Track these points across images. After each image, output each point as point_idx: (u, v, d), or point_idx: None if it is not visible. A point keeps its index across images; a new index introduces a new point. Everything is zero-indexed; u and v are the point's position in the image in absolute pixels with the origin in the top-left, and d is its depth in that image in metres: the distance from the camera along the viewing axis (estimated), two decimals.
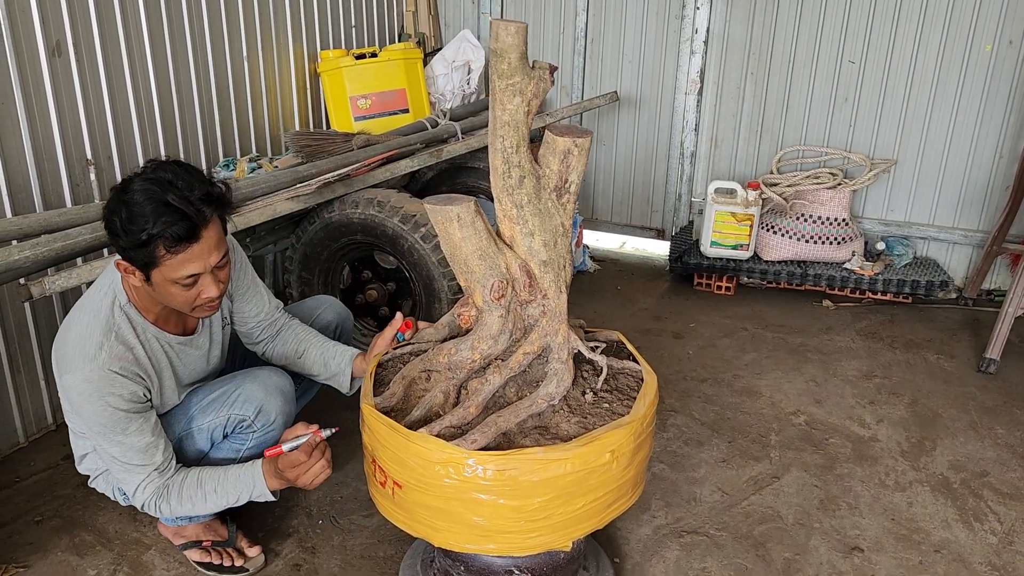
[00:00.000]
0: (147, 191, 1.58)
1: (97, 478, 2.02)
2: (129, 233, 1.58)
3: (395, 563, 2.10)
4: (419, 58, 4.02)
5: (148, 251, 1.59)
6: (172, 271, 1.63)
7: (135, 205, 1.57)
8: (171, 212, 1.57)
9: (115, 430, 1.72)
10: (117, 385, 1.70)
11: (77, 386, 1.69)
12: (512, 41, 1.52)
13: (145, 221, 1.56)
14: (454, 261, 1.65)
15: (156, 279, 1.66)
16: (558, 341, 1.69)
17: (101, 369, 1.68)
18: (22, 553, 2.12)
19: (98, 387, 1.68)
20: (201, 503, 1.83)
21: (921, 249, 4.06)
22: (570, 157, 1.62)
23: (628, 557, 2.14)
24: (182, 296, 1.70)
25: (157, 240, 1.58)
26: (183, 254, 1.62)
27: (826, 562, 2.13)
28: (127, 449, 1.75)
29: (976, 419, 2.85)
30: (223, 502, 1.84)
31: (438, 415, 1.64)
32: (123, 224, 1.58)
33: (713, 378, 3.13)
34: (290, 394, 2.00)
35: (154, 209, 1.56)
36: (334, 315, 2.31)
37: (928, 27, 3.73)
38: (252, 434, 1.94)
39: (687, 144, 4.37)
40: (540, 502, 1.51)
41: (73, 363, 1.69)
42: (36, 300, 2.04)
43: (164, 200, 1.57)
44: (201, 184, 1.63)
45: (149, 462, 1.78)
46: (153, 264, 1.62)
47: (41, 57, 2.47)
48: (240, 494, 1.83)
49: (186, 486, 1.83)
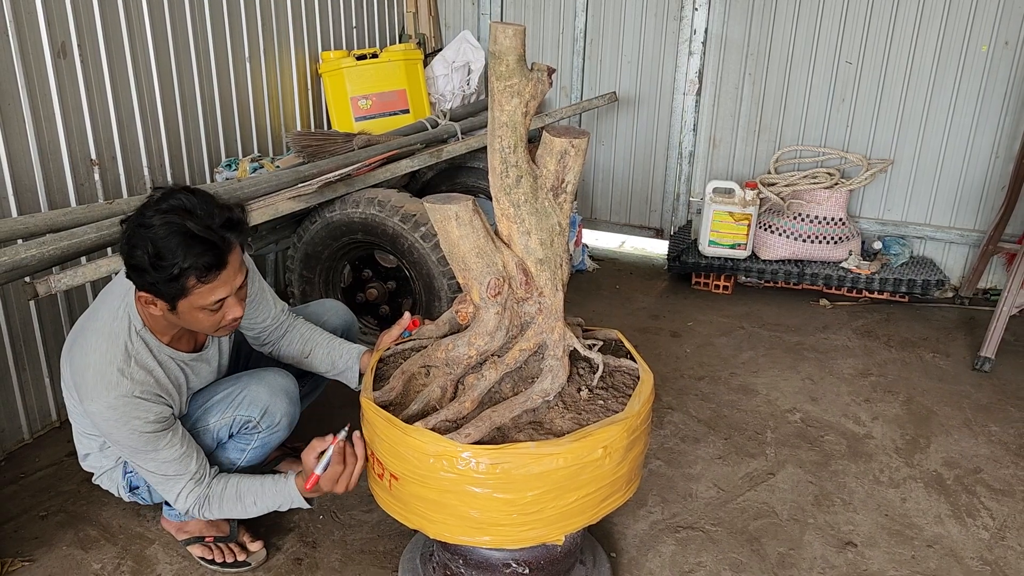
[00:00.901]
0: (169, 224, 1.57)
1: (101, 476, 2.05)
2: (159, 269, 1.57)
3: (395, 557, 2.13)
4: (419, 59, 4.05)
5: (179, 284, 1.60)
6: (201, 299, 1.65)
7: (160, 240, 1.56)
8: (198, 243, 1.57)
9: (147, 449, 1.76)
10: (142, 409, 1.73)
11: (102, 413, 1.72)
12: (510, 43, 1.55)
13: (174, 255, 1.56)
14: (452, 259, 1.68)
15: (182, 308, 1.67)
16: (554, 338, 1.72)
17: (125, 396, 1.71)
18: (28, 547, 2.15)
19: (124, 413, 1.71)
20: (242, 512, 1.89)
21: (918, 248, 4.09)
22: (567, 157, 1.65)
23: (624, 551, 2.17)
24: (208, 320, 1.72)
25: (189, 272, 1.59)
26: (213, 282, 1.64)
27: (820, 557, 2.16)
28: (161, 463, 1.79)
29: (970, 417, 2.87)
30: (264, 510, 1.89)
31: (435, 409, 1.67)
32: (152, 260, 1.57)
33: (710, 376, 3.16)
34: (295, 395, 2.02)
35: (180, 242, 1.56)
36: (340, 321, 2.32)
37: (925, 27, 3.76)
38: (257, 435, 1.97)
39: (685, 144, 4.40)
40: (533, 496, 1.54)
41: (96, 391, 1.71)
42: (41, 298, 2.08)
43: (189, 231, 1.57)
44: (220, 210, 1.64)
45: (185, 471, 1.82)
46: (182, 295, 1.63)
47: (46, 58, 2.50)
48: (280, 504, 1.88)
49: (226, 498, 1.87)
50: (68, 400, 1.93)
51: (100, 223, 2.19)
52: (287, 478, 1.87)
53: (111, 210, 2.37)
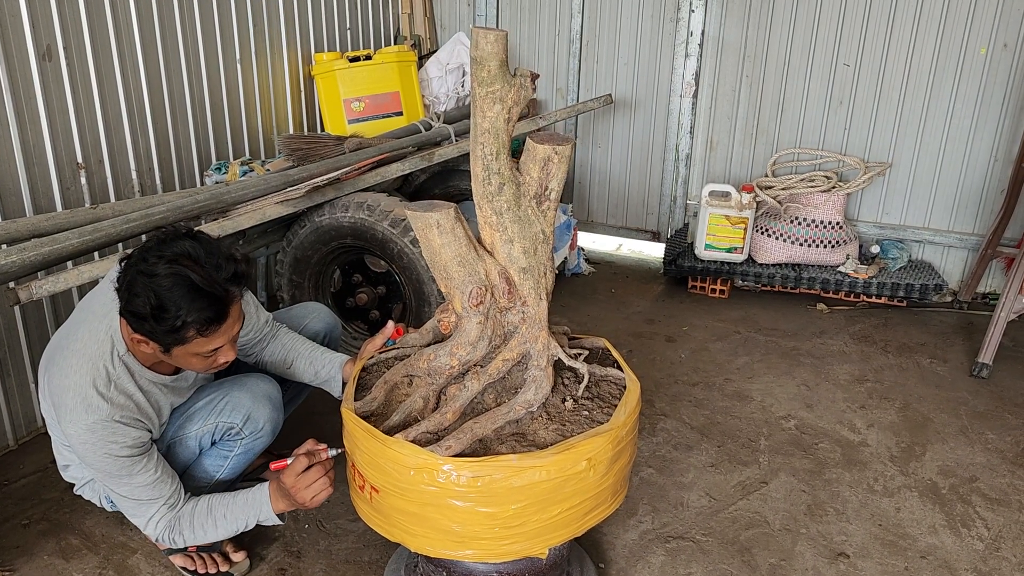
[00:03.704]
0: (175, 275, 1.54)
1: (83, 487, 2.03)
2: (161, 320, 1.55)
3: (380, 568, 2.10)
4: (413, 61, 4.02)
5: (179, 335, 1.59)
6: (198, 347, 1.64)
7: (164, 291, 1.53)
8: (202, 297, 1.56)
9: (121, 474, 1.73)
10: (119, 434, 1.70)
11: (80, 435, 1.69)
12: (492, 49, 1.52)
13: (178, 308, 1.54)
14: (434, 267, 1.65)
15: (177, 353, 1.65)
16: (537, 348, 1.69)
17: (104, 420, 1.68)
18: (9, 556, 2.12)
19: (101, 437, 1.68)
20: (212, 530, 1.83)
21: (916, 252, 4.05)
22: (550, 164, 1.62)
23: (613, 562, 2.14)
24: (201, 364, 1.71)
25: (190, 326, 1.57)
26: (212, 335, 1.63)
27: (811, 568, 2.13)
28: (135, 487, 1.76)
29: (967, 424, 2.84)
30: (233, 527, 1.83)
31: (417, 420, 1.64)
32: (153, 311, 1.54)
33: (704, 382, 3.12)
34: (278, 401, 2.00)
35: (184, 295, 1.54)
36: (323, 325, 2.30)
37: (923, 30, 3.72)
38: (240, 441, 1.94)
39: (682, 147, 4.36)
40: (515, 509, 1.51)
41: (75, 413, 1.68)
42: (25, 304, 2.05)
43: (194, 285, 1.54)
44: (227, 262, 1.61)
45: (158, 496, 1.79)
46: (179, 344, 1.62)
47: (31, 60, 2.48)
48: (248, 517, 1.83)
49: (197, 515, 1.82)
50: (47, 413, 1.90)
51: (83, 229, 2.16)
52: (260, 487, 1.83)
53: (95, 215, 2.34)
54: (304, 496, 1.74)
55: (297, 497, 1.74)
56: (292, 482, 1.74)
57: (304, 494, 1.73)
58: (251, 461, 2.05)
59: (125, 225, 2.23)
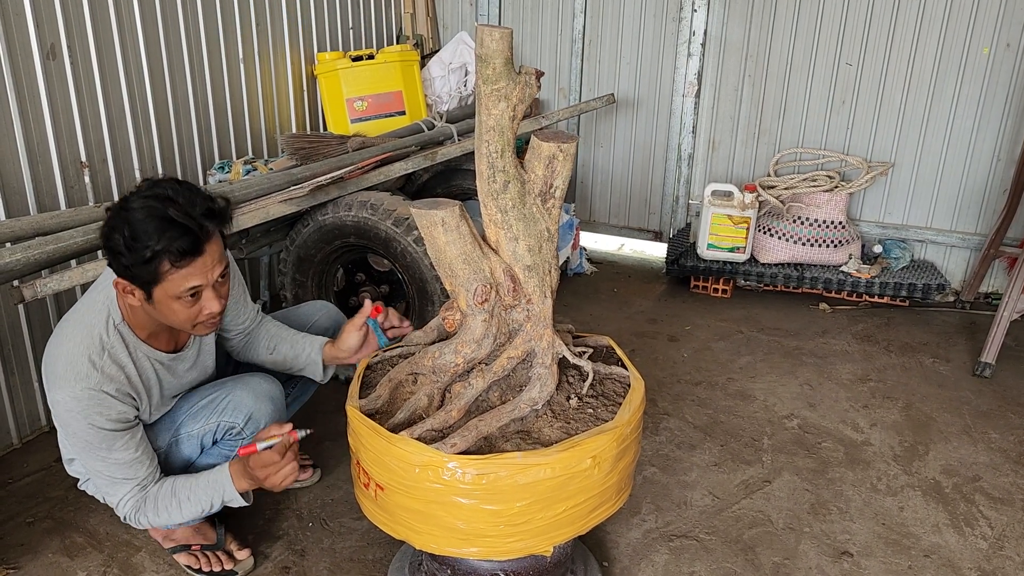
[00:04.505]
0: (148, 208, 1.57)
1: (87, 482, 2.03)
2: (133, 250, 1.56)
3: (384, 566, 2.10)
4: (416, 60, 4.02)
5: (152, 267, 1.58)
6: (175, 286, 1.63)
7: (138, 223, 1.56)
8: (175, 227, 1.57)
9: (100, 447, 1.73)
10: (105, 406, 1.70)
11: (65, 403, 1.68)
12: (497, 46, 1.52)
13: (149, 238, 1.55)
14: (439, 265, 1.65)
15: (158, 296, 1.64)
16: (542, 346, 1.69)
17: (92, 389, 1.68)
18: (13, 554, 2.13)
19: (87, 406, 1.68)
20: (177, 512, 1.82)
21: (918, 252, 4.05)
22: (555, 162, 1.63)
23: (617, 561, 2.14)
24: (184, 313, 1.68)
25: (162, 255, 1.57)
26: (187, 268, 1.61)
27: (815, 567, 2.13)
28: (111, 464, 1.76)
29: (970, 423, 2.84)
30: (197, 509, 1.82)
31: (422, 418, 1.64)
32: (127, 242, 1.56)
33: (707, 381, 3.12)
34: (280, 401, 1.99)
35: (157, 225, 1.56)
36: (329, 322, 2.30)
37: (925, 29, 3.72)
38: (241, 441, 1.93)
39: (684, 146, 4.36)
40: (520, 507, 1.51)
41: (63, 380, 1.68)
42: (29, 302, 2.05)
43: (167, 216, 1.56)
44: (202, 200, 1.63)
45: (133, 476, 1.78)
46: (156, 281, 1.61)
47: (35, 60, 2.48)
48: (212, 498, 1.82)
49: (161, 496, 1.82)
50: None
51: (87, 227, 2.16)
52: (220, 468, 1.82)
53: (99, 214, 2.33)
54: (273, 481, 1.73)
55: (266, 483, 1.74)
56: (263, 471, 1.73)
57: (274, 479, 1.73)
58: None
59: None
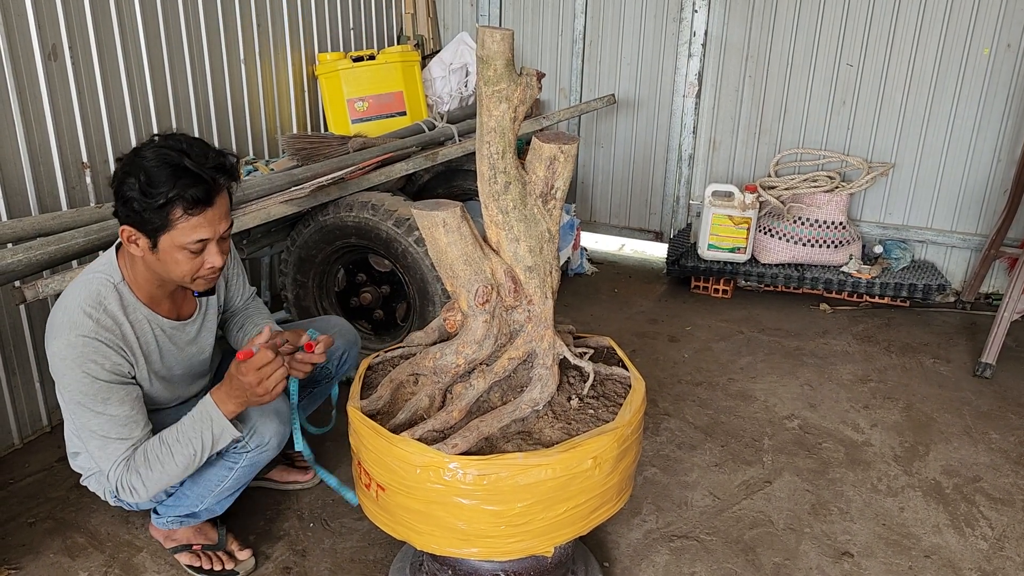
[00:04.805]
0: (164, 156, 1.62)
1: (89, 478, 2.02)
2: (148, 195, 1.60)
3: (385, 566, 2.10)
4: (416, 61, 4.03)
5: (164, 214, 1.62)
6: (184, 235, 1.66)
7: (153, 170, 1.60)
8: (189, 176, 1.61)
9: (95, 399, 1.70)
10: (99, 353, 1.69)
11: (60, 351, 1.68)
12: (498, 48, 1.52)
13: (163, 184, 1.60)
14: (440, 266, 1.65)
15: (164, 245, 1.67)
16: (543, 347, 1.69)
17: (85, 336, 1.68)
18: (15, 555, 2.13)
19: (81, 353, 1.67)
20: (169, 460, 1.74)
21: (919, 252, 4.05)
22: (556, 163, 1.63)
23: (618, 561, 2.14)
24: (187, 264, 1.71)
25: (176, 202, 1.61)
26: (197, 218, 1.65)
27: (815, 567, 2.13)
28: (105, 421, 1.72)
29: (970, 424, 2.84)
30: (189, 451, 1.74)
31: (423, 419, 1.64)
32: (142, 187, 1.60)
33: (708, 382, 3.13)
34: (285, 415, 1.96)
35: (172, 173, 1.60)
36: (343, 342, 2.27)
37: (926, 30, 3.72)
38: (246, 454, 1.90)
39: (685, 147, 4.37)
40: (521, 507, 1.51)
41: (59, 330, 1.69)
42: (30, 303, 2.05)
43: (182, 165, 1.61)
44: (215, 154, 1.69)
45: (128, 436, 1.74)
46: (164, 228, 1.64)
47: (37, 61, 2.48)
48: (202, 433, 1.74)
49: (150, 447, 1.75)
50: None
51: (88, 227, 2.16)
52: (202, 399, 1.77)
53: (101, 214, 2.34)
54: (266, 386, 1.68)
55: (258, 389, 1.68)
56: (255, 376, 1.67)
57: (267, 383, 1.68)
58: (255, 474, 2.03)
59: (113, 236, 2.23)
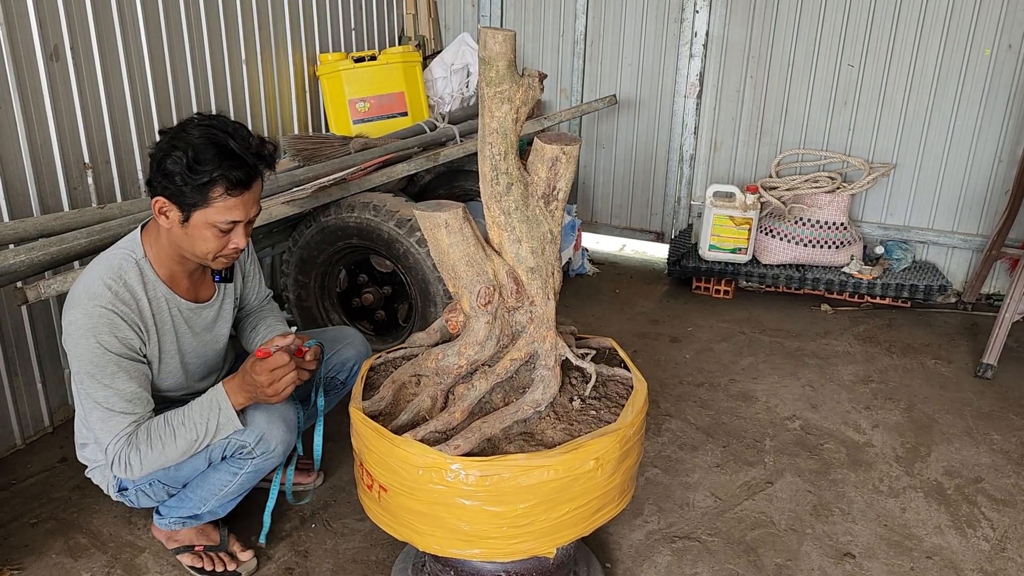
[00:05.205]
0: (211, 136, 1.66)
1: (94, 470, 2.02)
2: (194, 172, 1.64)
3: (387, 567, 2.10)
4: (418, 61, 4.03)
5: (204, 191, 1.67)
6: (218, 214, 1.70)
7: (201, 147, 1.65)
8: (234, 158, 1.67)
9: (104, 371, 1.71)
10: (114, 325, 1.72)
11: (76, 320, 1.70)
12: (500, 49, 1.53)
13: (208, 163, 1.65)
14: (442, 267, 1.65)
15: (196, 220, 1.71)
16: (545, 348, 1.70)
17: (103, 306, 1.71)
18: (17, 555, 2.13)
19: (96, 323, 1.70)
20: (171, 440, 1.75)
21: (920, 253, 4.05)
22: (558, 164, 1.63)
23: (619, 562, 2.14)
24: (213, 242, 1.75)
25: (218, 182, 1.66)
26: (234, 199, 1.70)
27: (817, 568, 2.13)
28: (112, 394, 1.72)
29: (972, 425, 2.84)
30: (192, 436, 1.77)
31: (425, 420, 1.65)
32: (188, 163, 1.64)
33: (709, 382, 3.13)
34: (293, 423, 1.96)
35: (217, 153, 1.65)
36: (353, 352, 2.27)
37: (927, 30, 3.72)
38: (251, 460, 1.90)
39: (686, 147, 4.37)
40: (523, 508, 1.51)
41: (77, 300, 1.72)
42: (32, 304, 2.06)
43: (227, 146, 1.66)
44: (257, 141, 1.74)
45: (132, 411, 1.74)
46: (201, 205, 1.69)
47: (39, 61, 2.49)
48: (208, 420, 1.77)
49: (154, 425, 1.76)
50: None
51: (90, 228, 2.16)
52: (215, 387, 1.81)
53: (103, 215, 2.35)
54: (277, 387, 1.75)
55: (269, 390, 1.75)
56: (268, 377, 1.73)
57: (278, 385, 1.74)
58: (258, 480, 2.03)
59: (132, 225, 2.24)
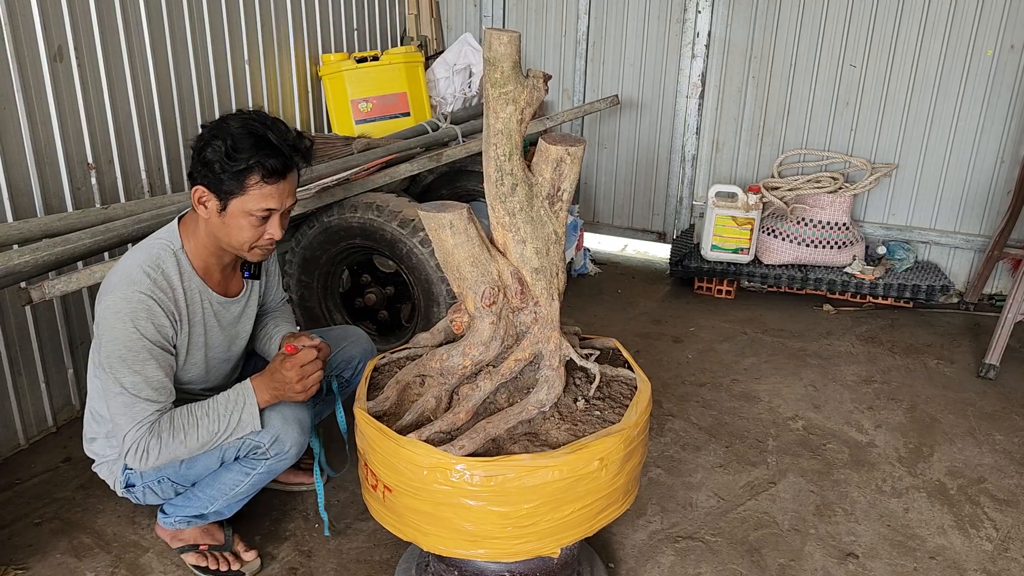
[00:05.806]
0: (249, 127, 1.73)
1: (101, 465, 2.02)
2: (232, 159, 1.70)
3: (390, 567, 2.11)
4: (420, 61, 4.03)
5: (240, 179, 1.72)
6: (254, 202, 1.75)
7: (240, 137, 1.72)
8: (270, 148, 1.73)
9: (137, 357, 1.74)
10: (152, 312, 1.75)
11: (114, 305, 1.73)
12: (505, 50, 1.53)
13: (246, 151, 1.71)
14: (447, 267, 1.66)
15: (233, 209, 1.76)
16: (550, 348, 1.70)
17: (141, 292, 1.74)
18: (21, 555, 2.13)
19: (133, 308, 1.73)
20: (193, 430, 1.78)
21: (922, 253, 4.05)
22: (563, 165, 1.63)
23: (623, 562, 2.14)
24: (249, 231, 1.80)
25: (255, 169, 1.72)
26: (270, 188, 1.75)
27: (820, 568, 2.13)
28: (140, 380, 1.74)
29: (974, 425, 2.84)
30: (213, 428, 1.79)
31: (429, 420, 1.65)
32: (227, 150, 1.70)
33: (712, 383, 3.13)
34: (307, 425, 1.97)
35: (255, 142, 1.72)
36: (359, 351, 2.29)
37: (929, 31, 3.72)
38: (265, 461, 1.91)
39: (688, 147, 4.37)
40: (528, 508, 1.51)
41: (117, 286, 1.75)
42: (36, 304, 2.06)
43: (265, 137, 1.73)
44: (295, 135, 1.80)
45: (157, 399, 1.76)
46: (238, 192, 1.74)
47: (43, 61, 2.49)
48: (231, 414, 1.80)
49: (177, 414, 1.78)
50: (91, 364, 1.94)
51: (95, 228, 2.17)
52: (243, 382, 1.85)
53: (107, 215, 2.35)
54: (305, 384, 1.83)
55: (297, 386, 1.82)
56: (297, 373, 1.81)
57: (306, 382, 1.83)
58: (268, 481, 2.03)
59: (136, 225, 2.24)
